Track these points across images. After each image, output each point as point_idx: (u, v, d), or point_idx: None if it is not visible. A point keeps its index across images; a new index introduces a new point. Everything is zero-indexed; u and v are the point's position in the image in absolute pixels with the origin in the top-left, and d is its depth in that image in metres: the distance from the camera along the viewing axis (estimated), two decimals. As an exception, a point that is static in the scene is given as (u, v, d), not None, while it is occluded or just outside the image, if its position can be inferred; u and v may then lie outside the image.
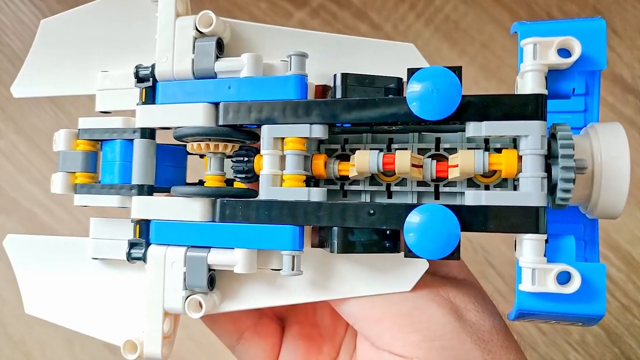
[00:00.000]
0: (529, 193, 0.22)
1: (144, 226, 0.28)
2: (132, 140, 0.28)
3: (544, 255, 0.22)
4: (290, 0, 0.56)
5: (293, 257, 0.25)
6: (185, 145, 0.30)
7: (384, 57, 0.26)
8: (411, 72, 0.24)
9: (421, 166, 0.25)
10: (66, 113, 0.57)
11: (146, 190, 0.28)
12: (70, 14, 0.30)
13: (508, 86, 0.52)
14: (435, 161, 0.25)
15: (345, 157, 0.27)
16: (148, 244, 0.27)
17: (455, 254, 0.23)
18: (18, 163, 0.57)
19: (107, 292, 0.29)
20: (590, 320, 0.23)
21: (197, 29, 0.27)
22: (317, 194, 0.25)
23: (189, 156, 0.32)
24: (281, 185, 0.26)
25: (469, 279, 0.29)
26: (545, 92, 0.23)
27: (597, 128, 0.24)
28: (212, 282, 0.27)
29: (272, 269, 0.27)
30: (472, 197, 0.23)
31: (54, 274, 0.30)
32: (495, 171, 0.25)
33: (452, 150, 0.26)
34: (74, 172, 0.29)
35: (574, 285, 0.22)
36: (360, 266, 0.26)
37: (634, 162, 0.23)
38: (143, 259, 0.27)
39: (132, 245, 0.28)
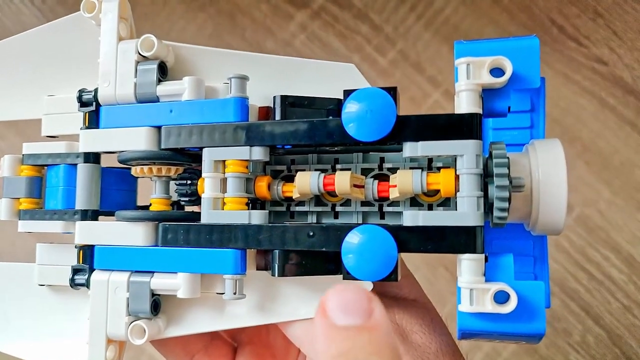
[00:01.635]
0: (466, 213, 0.22)
1: (87, 252, 0.27)
2: (75, 165, 0.28)
3: (483, 275, 0.22)
4: (291, 2, 0.56)
5: (235, 280, 0.25)
6: (129, 168, 0.30)
7: (326, 78, 0.26)
8: (347, 93, 0.23)
9: (363, 186, 0.25)
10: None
11: (90, 215, 0.28)
12: (16, 38, 0.30)
13: None
14: (377, 181, 0.25)
15: (290, 179, 0.27)
16: (92, 270, 0.27)
17: (393, 276, 0.22)
18: None
19: (54, 319, 0.29)
20: (531, 338, 0.23)
21: (139, 53, 0.27)
22: (257, 217, 0.25)
23: (140, 179, 0.32)
24: (222, 209, 0.25)
25: (420, 300, 0.28)
26: (480, 111, 0.23)
27: (535, 145, 0.24)
28: (156, 307, 0.27)
29: (217, 293, 0.26)
30: (410, 218, 0.23)
31: (1, 301, 0.29)
32: (437, 190, 0.25)
33: (395, 170, 0.26)
34: (18, 198, 0.29)
35: (511, 304, 0.22)
36: (303, 288, 0.26)
37: (634, 165, 0.23)
38: (86, 285, 0.27)
39: (75, 271, 0.27)
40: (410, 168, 0.25)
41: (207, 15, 0.26)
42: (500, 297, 0.22)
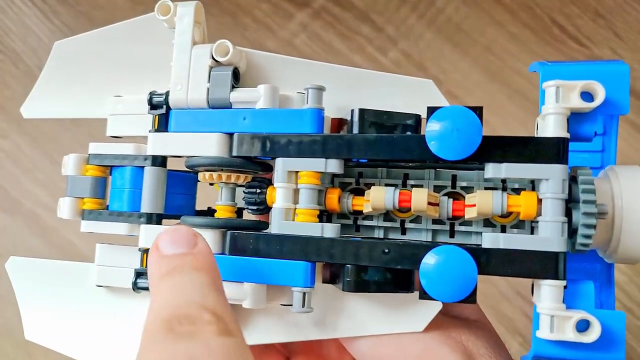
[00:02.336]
0: (549, 238, 0.22)
1: (151, 255, 0.27)
2: (142, 167, 0.28)
3: (563, 302, 0.22)
4: (292, 1, 0.56)
5: (304, 293, 0.25)
6: (196, 173, 0.29)
7: (402, 92, 0.26)
8: (431, 110, 0.23)
9: (437, 204, 0.25)
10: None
11: (155, 219, 0.27)
12: (85, 37, 0.30)
13: (511, 89, 0.52)
14: (451, 199, 0.25)
15: (359, 192, 0.26)
16: (155, 274, 0.27)
17: (471, 298, 0.22)
18: (21, 164, 0.57)
19: (110, 321, 0.29)
20: None
21: (213, 58, 0.27)
22: (330, 230, 0.25)
23: (200, 183, 0.31)
24: (294, 220, 0.25)
25: (482, 320, 0.28)
26: (567, 135, 0.22)
27: (617, 171, 0.24)
28: (219, 316, 0.26)
29: (281, 304, 0.26)
30: (489, 240, 0.23)
31: (57, 299, 0.29)
32: (512, 212, 0.24)
33: (469, 189, 0.25)
34: (82, 198, 0.29)
35: (594, 334, 0.21)
36: (371, 304, 0.26)
37: (636, 164, 0.23)
38: (149, 289, 0.27)
39: (138, 274, 0.27)
40: (485, 188, 0.25)
41: (208, 14, 0.26)
42: (581, 326, 0.22)
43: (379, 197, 0.25)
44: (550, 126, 0.22)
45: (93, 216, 0.28)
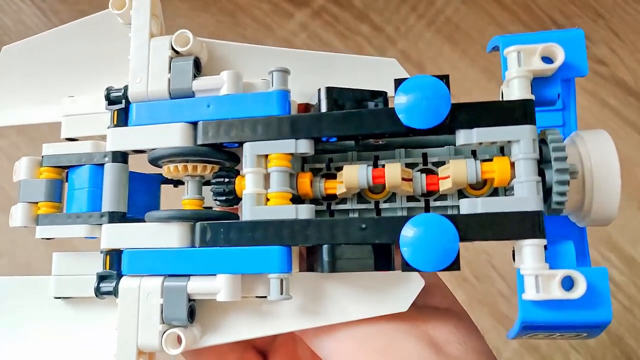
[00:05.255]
0: (526, 197, 0.22)
1: (114, 257, 0.26)
2: (102, 165, 0.26)
3: (545, 261, 0.22)
4: (292, 1, 0.56)
5: (282, 280, 0.23)
6: (159, 174, 0.28)
7: (366, 73, 0.26)
8: (398, 82, 0.23)
9: (411, 179, 0.24)
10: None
11: (117, 218, 0.26)
12: (35, 39, 0.29)
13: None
14: (424, 174, 0.24)
15: (330, 176, 0.26)
16: (120, 276, 0.25)
17: (455, 265, 0.22)
18: None
19: (74, 334, 0.27)
20: (596, 328, 0.22)
21: (172, 49, 0.26)
22: (305, 212, 0.24)
23: (162, 186, 0.30)
24: (266, 205, 0.24)
25: (453, 308, 0.27)
26: (533, 97, 0.23)
27: (582, 135, 0.24)
28: (192, 314, 0.25)
29: (257, 297, 0.25)
30: (467, 206, 0.22)
31: (15, 317, 0.27)
32: (485, 182, 0.24)
33: (440, 164, 0.25)
34: (36, 203, 0.27)
35: (580, 289, 0.21)
36: (352, 288, 0.25)
37: (635, 165, 0.23)
38: (114, 293, 0.25)
39: (101, 278, 0.25)
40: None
41: (209, 14, 0.26)
42: (566, 284, 0.21)
43: (352, 175, 0.24)
44: (515, 90, 0.23)
45: (49, 220, 0.26)
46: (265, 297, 0.24)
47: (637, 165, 0.49)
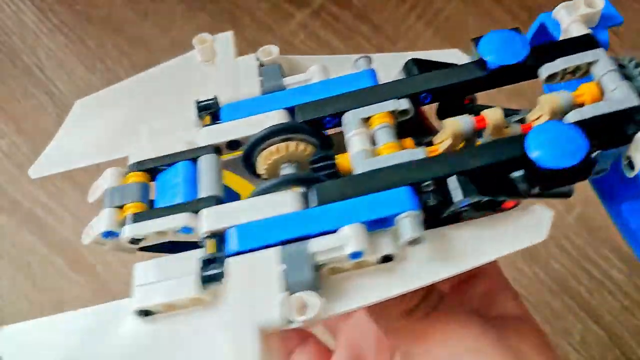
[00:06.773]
0: (625, 96, 0.23)
1: (218, 239, 0.23)
2: (195, 159, 0.26)
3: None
4: (291, 1, 0.58)
5: (414, 218, 0.22)
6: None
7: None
8: (476, 40, 0.26)
9: (507, 127, 0.26)
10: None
11: (217, 201, 0.24)
12: (106, 92, 0.31)
13: (510, 88, 0.54)
14: (519, 122, 0.26)
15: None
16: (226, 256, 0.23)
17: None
18: (19, 163, 0.56)
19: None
20: None
21: (259, 60, 0.29)
22: (419, 153, 0.24)
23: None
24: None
25: (524, 317, 0.27)
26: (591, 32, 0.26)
27: None
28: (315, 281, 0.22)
29: (380, 259, 0.23)
30: (573, 115, 0.24)
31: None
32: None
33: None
34: (121, 207, 0.25)
35: None
36: (477, 231, 0.23)
37: None
38: (221, 276, 0.22)
39: (206, 262, 0.23)
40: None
41: (207, 14, 0.28)
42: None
43: (456, 123, 0.25)
44: (574, 32, 0.26)
45: (139, 217, 0.24)
46: (390, 258, 0.23)
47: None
